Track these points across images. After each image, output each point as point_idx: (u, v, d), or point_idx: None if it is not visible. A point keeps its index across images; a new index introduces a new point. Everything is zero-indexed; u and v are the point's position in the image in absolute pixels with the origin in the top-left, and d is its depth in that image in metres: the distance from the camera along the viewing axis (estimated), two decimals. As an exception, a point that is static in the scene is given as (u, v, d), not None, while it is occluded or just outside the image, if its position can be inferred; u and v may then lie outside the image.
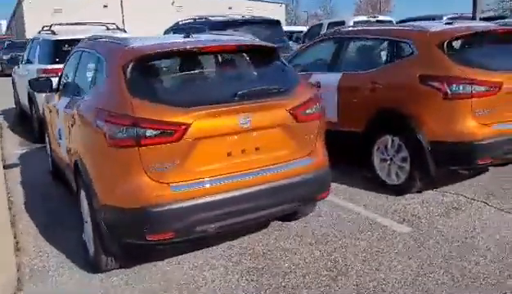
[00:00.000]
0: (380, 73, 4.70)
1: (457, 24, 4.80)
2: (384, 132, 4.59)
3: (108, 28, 8.23)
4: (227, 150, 3.02)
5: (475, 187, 4.64)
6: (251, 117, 3.01)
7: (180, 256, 3.47)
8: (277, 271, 3.24)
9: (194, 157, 2.90)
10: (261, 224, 3.86)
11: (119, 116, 2.87)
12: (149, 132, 2.81)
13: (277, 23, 8.81)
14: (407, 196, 4.46)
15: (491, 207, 4.17)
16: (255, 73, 3.66)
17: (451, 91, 4.06)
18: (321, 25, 14.53)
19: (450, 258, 3.31)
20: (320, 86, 5.21)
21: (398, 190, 4.51)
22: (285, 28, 14.10)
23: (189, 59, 3.41)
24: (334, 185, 4.60)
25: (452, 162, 4.27)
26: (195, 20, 9.00)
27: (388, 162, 4.58)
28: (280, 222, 3.97)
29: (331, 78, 5.15)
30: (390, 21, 13.58)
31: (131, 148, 2.83)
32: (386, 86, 4.58)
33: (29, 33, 25.88)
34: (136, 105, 2.86)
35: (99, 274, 3.26)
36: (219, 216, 3.01)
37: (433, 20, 12.06)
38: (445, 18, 12.36)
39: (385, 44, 4.84)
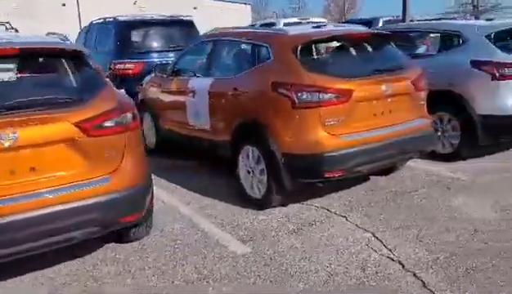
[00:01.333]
0: (241, 79, 4.40)
1: (324, 28, 4.57)
2: (245, 142, 4.30)
3: (6, 28, 7.80)
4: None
5: (344, 199, 4.38)
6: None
7: None
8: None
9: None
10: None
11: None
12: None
13: (191, 24, 8.44)
14: (267, 211, 4.17)
15: (347, 222, 3.91)
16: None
17: (298, 99, 3.81)
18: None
19: (274, 282, 3.03)
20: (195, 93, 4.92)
21: (259, 204, 4.22)
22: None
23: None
24: (194, 197, 4.44)
25: (303, 175, 4.00)
26: (104, 19, 8.60)
27: (251, 174, 4.30)
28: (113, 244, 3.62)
29: (203, 84, 4.83)
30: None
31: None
32: (245, 93, 4.29)
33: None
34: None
35: None
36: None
37: (370, 22, 11.90)
38: (381, 21, 12.19)
39: (248, 48, 4.53)
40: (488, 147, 5.39)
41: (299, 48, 4.00)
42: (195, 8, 37.29)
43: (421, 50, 6.37)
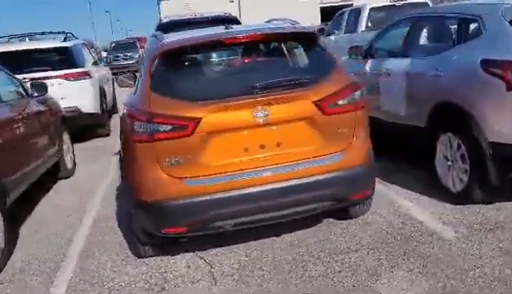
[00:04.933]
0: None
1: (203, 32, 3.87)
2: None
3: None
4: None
5: None
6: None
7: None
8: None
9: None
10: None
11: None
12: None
13: (236, 21, 8.56)
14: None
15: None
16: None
17: (133, 131, 3.11)
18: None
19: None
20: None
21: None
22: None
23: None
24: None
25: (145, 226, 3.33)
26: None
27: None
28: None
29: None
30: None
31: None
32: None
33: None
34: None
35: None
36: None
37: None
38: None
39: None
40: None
41: (156, 61, 3.31)
42: (231, 1, 37.46)
43: (432, 44, 5.03)
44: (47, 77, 7.30)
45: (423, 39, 5.04)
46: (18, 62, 7.92)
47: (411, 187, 4.61)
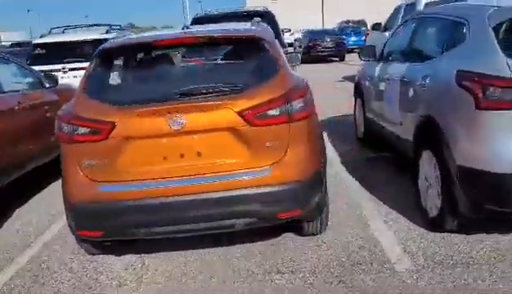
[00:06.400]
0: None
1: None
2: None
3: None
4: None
5: None
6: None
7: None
8: None
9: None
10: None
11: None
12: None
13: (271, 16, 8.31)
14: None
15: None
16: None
17: (57, 130, 3.18)
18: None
19: None
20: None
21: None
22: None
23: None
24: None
25: None
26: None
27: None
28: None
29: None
30: None
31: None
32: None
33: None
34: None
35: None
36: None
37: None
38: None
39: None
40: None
41: (93, 63, 3.35)
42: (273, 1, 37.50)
43: (426, 49, 4.40)
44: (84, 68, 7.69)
45: (419, 43, 4.54)
46: (62, 52, 8.49)
47: (396, 204, 4.21)
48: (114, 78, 3.41)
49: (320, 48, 22.46)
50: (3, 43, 38.65)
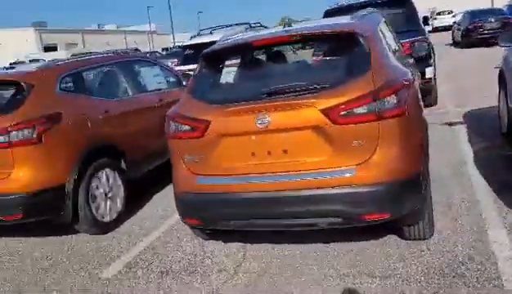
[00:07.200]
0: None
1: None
2: None
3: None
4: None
5: None
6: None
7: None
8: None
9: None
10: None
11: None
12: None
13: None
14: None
15: None
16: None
17: (168, 127, 3.47)
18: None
19: None
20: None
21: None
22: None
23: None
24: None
25: None
26: None
27: None
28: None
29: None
30: None
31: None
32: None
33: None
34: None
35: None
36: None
37: None
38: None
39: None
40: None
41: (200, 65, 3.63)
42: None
43: None
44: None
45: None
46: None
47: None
48: (214, 79, 3.58)
49: (481, 30, 20.02)
50: (177, 44, 43.22)
